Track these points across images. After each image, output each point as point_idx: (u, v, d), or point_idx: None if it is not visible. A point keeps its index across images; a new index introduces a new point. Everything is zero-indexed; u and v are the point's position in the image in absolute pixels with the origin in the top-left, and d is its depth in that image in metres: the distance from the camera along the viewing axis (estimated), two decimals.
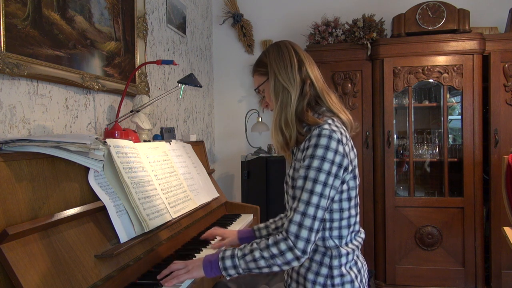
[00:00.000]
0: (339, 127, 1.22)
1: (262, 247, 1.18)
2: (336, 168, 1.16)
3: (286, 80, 1.29)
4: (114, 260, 1.20)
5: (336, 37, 3.08)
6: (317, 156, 1.15)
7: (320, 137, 1.16)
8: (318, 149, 1.16)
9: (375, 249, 3.03)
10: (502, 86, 2.83)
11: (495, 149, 2.84)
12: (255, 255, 1.19)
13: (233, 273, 1.21)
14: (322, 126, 1.19)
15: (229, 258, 1.21)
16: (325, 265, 1.22)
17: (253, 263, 1.18)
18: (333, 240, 1.23)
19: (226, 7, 3.59)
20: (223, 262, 1.21)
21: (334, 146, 1.16)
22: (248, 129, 3.40)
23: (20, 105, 1.41)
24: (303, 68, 1.31)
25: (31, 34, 1.42)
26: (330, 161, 1.15)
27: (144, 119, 1.93)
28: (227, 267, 1.20)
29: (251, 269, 1.19)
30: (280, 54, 1.32)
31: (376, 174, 3.00)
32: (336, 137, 1.17)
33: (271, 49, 1.36)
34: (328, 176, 1.14)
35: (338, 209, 1.22)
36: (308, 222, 1.14)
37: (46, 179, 1.12)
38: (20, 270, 0.93)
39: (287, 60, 1.31)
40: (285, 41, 1.38)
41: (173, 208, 1.59)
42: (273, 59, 1.32)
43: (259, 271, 1.20)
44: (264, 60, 1.35)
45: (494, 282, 2.87)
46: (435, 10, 2.88)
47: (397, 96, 3.05)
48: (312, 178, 1.15)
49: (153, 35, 2.44)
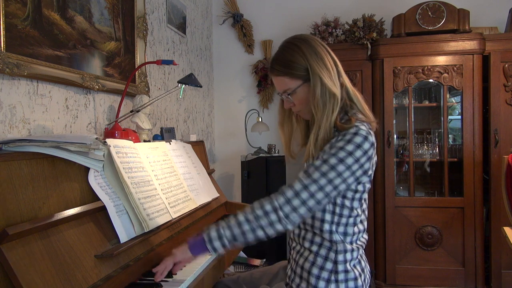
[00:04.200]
0: (372, 134, 1.21)
1: (247, 211, 1.19)
2: (357, 167, 1.16)
3: (332, 86, 1.20)
4: (114, 260, 1.20)
5: (336, 37, 3.08)
6: (345, 149, 1.15)
7: (356, 135, 1.16)
8: (350, 144, 1.15)
9: (375, 249, 3.02)
10: (502, 86, 2.83)
11: (495, 149, 2.84)
12: (239, 219, 1.18)
13: (218, 246, 1.18)
14: (360, 127, 1.18)
15: (213, 229, 1.20)
16: (330, 259, 1.22)
17: (237, 228, 1.17)
18: (339, 235, 1.23)
19: (226, 7, 3.59)
20: (208, 233, 1.20)
21: (366, 147, 1.16)
22: (248, 129, 3.40)
23: (20, 105, 1.41)
24: (339, 70, 1.25)
25: (31, 34, 1.42)
26: (355, 158, 1.15)
27: (144, 119, 1.93)
28: (212, 237, 1.19)
29: (236, 237, 1.17)
30: (319, 55, 1.21)
31: (376, 174, 2.99)
32: (371, 140, 1.18)
33: (304, 48, 1.21)
34: (347, 170, 1.14)
35: (349, 206, 1.22)
36: (305, 195, 1.14)
37: (46, 179, 1.12)
38: (20, 270, 0.93)
39: (328, 62, 1.22)
40: (313, 37, 1.26)
41: (173, 208, 1.59)
42: (314, 60, 1.20)
43: (244, 239, 1.17)
44: (299, 61, 1.21)
45: (494, 282, 2.87)
46: (435, 10, 2.88)
47: (397, 96, 3.05)
48: (331, 164, 1.14)
49: (153, 35, 2.44)
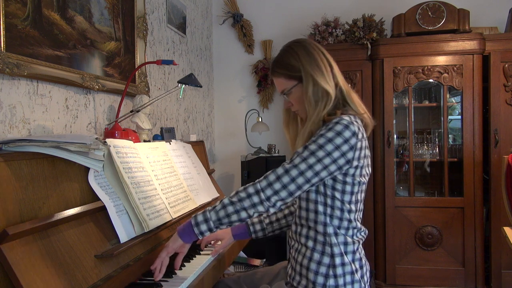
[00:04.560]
0: (358, 124, 1.22)
1: (232, 194, 1.24)
2: (339, 154, 1.16)
3: (325, 85, 1.25)
4: (114, 260, 1.20)
5: (336, 37, 3.08)
6: (325, 136, 1.17)
7: (337, 124, 1.18)
8: (330, 131, 1.17)
9: (375, 249, 3.02)
10: (502, 86, 2.83)
11: (495, 149, 2.84)
12: (224, 202, 1.24)
13: (205, 229, 1.24)
14: (343, 117, 1.20)
15: (200, 214, 1.26)
16: (326, 254, 1.23)
17: (222, 210, 1.23)
18: (333, 227, 1.24)
19: (226, 7, 3.59)
20: (195, 218, 1.26)
21: (347, 135, 1.17)
22: (248, 129, 3.40)
23: (20, 105, 1.41)
24: (333, 71, 1.30)
25: (31, 34, 1.42)
26: (336, 145, 1.16)
27: (144, 119, 1.93)
28: (198, 221, 1.24)
29: (221, 219, 1.23)
30: (312, 57, 1.28)
31: (376, 174, 3.00)
32: (353, 129, 1.18)
33: (299, 51, 1.29)
34: (327, 156, 1.16)
35: (340, 199, 1.23)
36: (286, 179, 1.18)
37: (46, 179, 1.12)
38: (20, 270, 0.93)
39: (321, 63, 1.28)
40: (308, 40, 1.34)
41: (173, 208, 1.59)
42: (307, 62, 1.27)
43: (229, 221, 1.22)
44: (293, 63, 1.29)
45: (494, 282, 2.87)
46: (435, 10, 2.88)
47: (397, 96, 3.05)
48: (311, 150, 1.17)
49: (153, 35, 2.44)
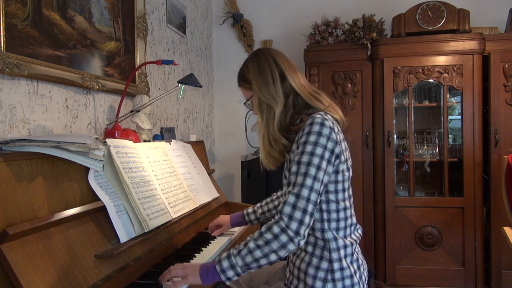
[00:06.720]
0: (330, 118, 1.23)
1: (256, 237, 1.16)
2: (329, 154, 1.17)
3: (269, 98, 1.28)
4: (114, 260, 1.20)
5: (336, 37, 3.08)
6: (310, 142, 1.17)
7: (313, 125, 1.18)
8: (311, 135, 1.17)
9: (375, 249, 3.02)
10: (502, 86, 2.83)
11: (495, 149, 2.84)
12: (250, 247, 1.15)
13: (232, 275, 1.16)
14: (314, 116, 1.21)
15: (225, 259, 1.17)
16: (325, 259, 1.22)
17: (249, 256, 1.15)
18: (332, 231, 1.23)
19: (226, 7, 3.59)
20: (220, 264, 1.17)
21: (326, 133, 1.17)
22: (248, 129, 3.40)
23: (20, 105, 1.41)
24: (285, 81, 1.30)
25: (31, 34, 1.42)
26: (323, 146, 1.16)
27: (144, 119, 1.93)
28: (224, 268, 1.16)
29: (249, 265, 1.15)
30: (261, 69, 1.30)
31: (376, 174, 3.00)
32: (328, 124, 1.19)
33: (250, 63, 1.33)
34: (322, 160, 1.16)
35: (335, 200, 1.23)
36: (302, 204, 1.14)
37: (46, 179, 1.12)
38: (20, 270, 0.93)
39: (268, 76, 1.29)
40: (265, 51, 1.35)
41: (173, 208, 1.59)
42: (254, 75, 1.30)
43: (258, 265, 1.15)
44: (246, 75, 1.34)
45: (494, 282, 2.87)
46: (435, 10, 2.88)
47: (397, 96, 3.05)
48: (306, 162, 1.16)
49: (153, 35, 2.44)
